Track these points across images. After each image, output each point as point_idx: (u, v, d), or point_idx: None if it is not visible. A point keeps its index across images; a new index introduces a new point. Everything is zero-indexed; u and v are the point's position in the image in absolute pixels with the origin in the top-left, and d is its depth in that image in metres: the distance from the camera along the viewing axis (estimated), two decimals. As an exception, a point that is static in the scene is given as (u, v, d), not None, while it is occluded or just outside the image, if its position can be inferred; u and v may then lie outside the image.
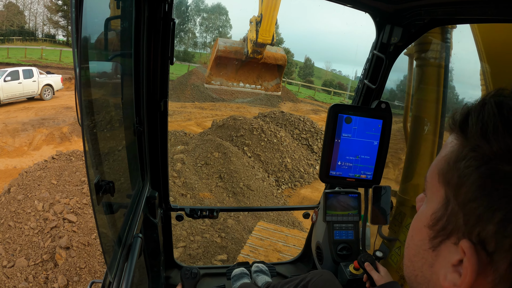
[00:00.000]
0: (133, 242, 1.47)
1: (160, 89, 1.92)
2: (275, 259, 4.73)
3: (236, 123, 11.34)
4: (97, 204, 1.08)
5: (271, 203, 8.26)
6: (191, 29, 49.78)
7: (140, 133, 1.85)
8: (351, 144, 2.11)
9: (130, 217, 1.61)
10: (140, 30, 1.61)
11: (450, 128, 0.60)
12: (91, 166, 1.05)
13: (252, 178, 8.76)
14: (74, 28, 0.90)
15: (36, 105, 15.49)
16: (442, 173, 0.58)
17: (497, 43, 2.01)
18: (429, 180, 0.62)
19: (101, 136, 1.24)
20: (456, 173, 0.55)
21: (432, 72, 2.51)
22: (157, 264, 2.29)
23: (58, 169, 6.53)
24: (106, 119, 1.42)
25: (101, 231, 1.15)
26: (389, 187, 2.16)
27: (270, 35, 8.51)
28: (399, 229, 2.58)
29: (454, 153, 0.56)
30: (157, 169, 2.21)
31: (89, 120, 1.05)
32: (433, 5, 1.67)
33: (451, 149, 0.58)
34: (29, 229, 5.10)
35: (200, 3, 49.68)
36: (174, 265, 2.85)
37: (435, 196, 0.60)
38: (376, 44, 2.16)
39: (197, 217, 2.50)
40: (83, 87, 0.98)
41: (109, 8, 1.31)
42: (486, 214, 0.49)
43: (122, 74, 1.64)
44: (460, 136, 0.57)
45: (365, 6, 1.97)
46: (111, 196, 1.17)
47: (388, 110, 2.11)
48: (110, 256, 1.29)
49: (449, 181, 0.56)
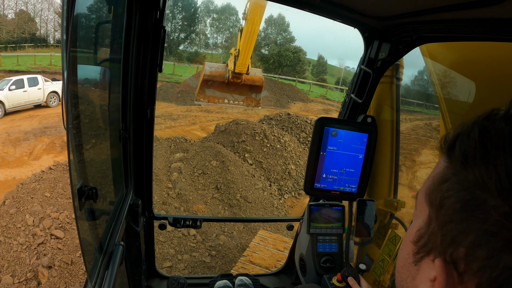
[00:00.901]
0: (114, 250, 1.45)
1: (148, 96, 1.92)
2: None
3: (238, 128, 10.90)
4: (79, 210, 1.07)
5: (270, 215, 8.01)
6: (202, 30, 49.91)
7: (126, 140, 1.83)
8: (336, 157, 2.13)
9: (112, 224, 1.59)
10: (130, 36, 1.61)
11: (441, 149, 0.63)
12: (75, 171, 1.05)
13: (250, 189, 8.48)
14: (64, 30, 0.90)
15: (41, 113, 15.49)
16: (428, 192, 0.61)
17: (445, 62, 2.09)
18: (419, 197, 0.66)
19: (86, 140, 1.24)
20: (439, 195, 0.58)
21: (386, 88, 2.57)
22: (138, 273, 2.25)
23: (53, 180, 6.47)
24: (92, 124, 1.42)
25: (83, 237, 1.14)
26: (373, 201, 2.18)
27: (245, 68, 10.48)
28: (382, 242, 2.59)
29: (440, 174, 0.60)
30: (141, 176, 2.19)
31: (74, 124, 1.05)
32: (421, 22, 1.71)
33: (438, 170, 0.61)
34: (17, 245, 5.04)
35: (209, 4, 49.83)
36: (156, 275, 2.81)
37: (421, 213, 0.63)
38: (364, 59, 2.19)
39: (180, 226, 2.47)
40: (71, 91, 0.98)
41: (101, 13, 1.32)
42: (459, 237, 0.53)
43: (110, 79, 1.63)
44: (447, 158, 0.59)
45: (354, 21, 2.00)
46: (93, 202, 1.17)
47: (374, 124, 2.13)
48: (91, 263, 1.28)
49: (433, 201, 0.59)
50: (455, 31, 1.53)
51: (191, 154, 9.75)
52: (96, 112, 1.49)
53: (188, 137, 12.51)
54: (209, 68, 10.98)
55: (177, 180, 8.26)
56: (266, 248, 5.22)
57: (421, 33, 1.81)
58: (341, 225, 2.31)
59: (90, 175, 1.25)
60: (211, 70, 10.90)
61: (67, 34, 0.89)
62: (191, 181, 8.46)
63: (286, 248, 5.29)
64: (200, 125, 16.32)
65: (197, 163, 9.09)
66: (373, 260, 2.66)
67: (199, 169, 8.83)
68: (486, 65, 1.82)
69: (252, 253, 5.02)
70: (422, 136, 5.65)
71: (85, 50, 1.29)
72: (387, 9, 1.76)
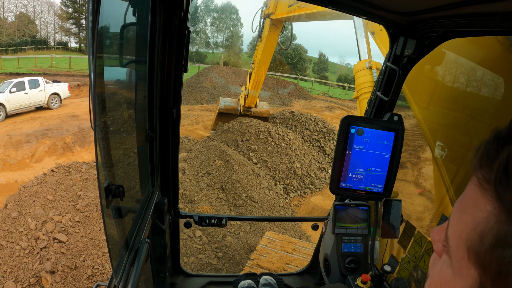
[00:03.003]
0: (140, 247, 1.48)
1: (173, 96, 1.94)
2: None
3: (242, 127, 10.99)
4: (106, 208, 1.09)
5: (277, 215, 7.83)
6: (203, 29, 50.32)
7: (152, 139, 1.86)
8: (362, 156, 2.09)
9: (138, 222, 1.62)
10: (155, 38, 1.63)
11: (476, 176, 0.45)
12: (102, 170, 1.06)
13: (256, 188, 8.33)
14: (90, 34, 0.91)
15: (43, 115, 15.52)
16: (474, 251, 0.44)
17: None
18: (454, 247, 0.48)
19: (113, 140, 1.25)
20: (496, 262, 0.41)
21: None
22: (163, 270, 2.28)
23: (56, 183, 6.41)
24: (119, 124, 1.44)
25: (109, 234, 1.16)
26: (400, 201, 2.12)
27: (253, 103, 12.22)
28: (408, 243, 2.54)
29: (492, 230, 0.42)
30: (167, 175, 2.22)
31: (101, 124, 1.06)
32: (447, 17, 1.66)
33: (484, 221, 0.43)
34: (20, 250, 4.95)
35: (209, 3, 50.28)
36: (181, 272, 2.84)
37: (464, 272, 0.47)
38: (390, 56, 2.15)
39: (205, 224, 2.50)
40: (97, 92, 0.99)
41: (125, 15, 1.33)
42: None
43: (136, 80, 1.66)
44: (497, 201, 0.41)
45: (379, 18, 1.96)
46: (120, 200, 1.18)
47: (401, 122, 2.08)
48: (117, 259, 1.30)
49: (486, 267, 0.43)
50: (481, 25, 1.47)
51: (194, 153, 9.69)
52: (122, 112, 1.51)
53: (192, 137, 12.61)
54: (224, 103, 12.65)
55: (181, 181, 8.15)
56: (274, 251, 5.06)
57: (447, 28, 1.75)
58: (366, 225, 2.27)
59: (117, 174, 1.27)
60: (225, 105, 12.55)
61: (93, 37, 0.90)
62: (196, 182, 8.38)
63: (294, 250, 5.15)
64: (203, 125, 16.30)
65: (201, 163, 9.02)
66: (398, 262, 2.60)
67: (204, 169, 8.76)
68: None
69: (260, 256, 4.88)
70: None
71: (111, 51, 1.31)
72: (411, 4, 1.71)
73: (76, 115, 15.36)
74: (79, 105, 17.82)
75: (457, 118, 2.36)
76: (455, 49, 2.23)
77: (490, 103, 2.09)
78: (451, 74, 2.41)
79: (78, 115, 15.28)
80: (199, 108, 20.05)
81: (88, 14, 0.91)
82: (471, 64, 2.21)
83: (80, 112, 15.85)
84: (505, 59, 1.88)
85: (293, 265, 4.75)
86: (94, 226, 5.49)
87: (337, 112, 24.27)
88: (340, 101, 30.50)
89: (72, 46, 46.23)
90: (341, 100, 31.24)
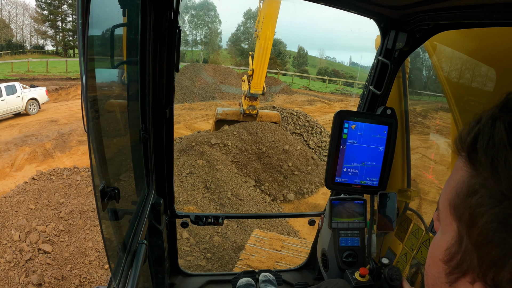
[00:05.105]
0: (137, 249, 1.47)
1: (166, 96, 1.93)
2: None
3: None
4: (102, 210, 1.08)
5: (263, 211, 7.73)
6: (181, 28, 50.20)
7: (146, 140, 1.86)
8: (356, 150, 2.10)
9: (135, 223, 1.62)
10: (146, 38, 1.63)
11: (458, 151, 0.55)
12: (96, 173, 1.06)
13: (241, 186, 8.21)
14: (80, 36, 0.90)
15: (22, 121, 15.10)
16: (453, 205, 0.54)
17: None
18: (441, 209, 0.58)
19: (107, 142, 1.25)
20: (467, 210, 0.50)
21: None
22: (161, 270, 2.28)
23: (37, 191, 6.25)
24: (112, 126, 1.43)
25: (106, 237, 1.16)
26: (395, 194, 2.14)
27: (260, 87, 10.03)
28: (405, 235, 2.55)
29: (464, 184, 0.52)
30: (162, 176, 2.22)
31: (94, 126, 1.06)
32: (437, 10, 1.67)
33: (461, 179, 0.53)
34: (5, 263, 4.80)
35: (187, 1, 49.53)
36: (179, 272, 2.84)
37: (448, 228, 0.56)
38: (381, 50, 2.15)
39: (202, 224, 2.50)
40: (89, 94, 0.98)
41: (115, 16, 1.32)
42: (500, 260, 0.46)
43: (128, 81, 1.65)
44: (469, 164, 0.52)
45: (369, 12, 1.97)
46: (116, 202, 1.18)
47: (394, 116, 2.10)
48: (115, 262, 1.30)
49: (461, 217, 0.52)
50: (472, 17, 1.48)
51: (175, 154, 9.44)
52: (115, 113, 1.50)
53: (174, 137, 12.30)
54: (221, 110, 11.11)
55: (165, 182, 8.02)
56: (262, 249, 5.00)
57: (438, 21, 1.76)
58: (363, 219, 2.28)
59: (112, 176, 1.27)
60: (223, 111, 10.98)
61: (84, 38, 0.89)
62: (180, 182, 8.24)
63: (283, 247, 5.09)
64: (184, 124, 16.05)
65: (184, 162, 8.85)
66: (395, 254, 2.62)
67: (186, 169, 8.61)
68: (508, 52, 1.77)
69: (249, 255, 4.80)
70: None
71: (102, 53, 1.30)
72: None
73: (55, 120, 15.07)
74: (58, 110, 17.47)
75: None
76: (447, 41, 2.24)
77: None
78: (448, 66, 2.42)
79: (57, 120, 14.98)
80: (179, 107, 19.86)
81: (78, 15, 0.90)
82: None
83: (59, 117, 15.54)
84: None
85: (283, 262, 4.69)
86: (79, 234, 5.40)
87: (319, 105, 24.33)
88: (321, 94, 30.69)
89: (48, 50, 45.07)
90: (322, 93, 31.48)
